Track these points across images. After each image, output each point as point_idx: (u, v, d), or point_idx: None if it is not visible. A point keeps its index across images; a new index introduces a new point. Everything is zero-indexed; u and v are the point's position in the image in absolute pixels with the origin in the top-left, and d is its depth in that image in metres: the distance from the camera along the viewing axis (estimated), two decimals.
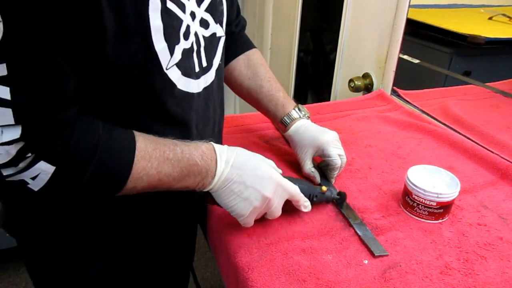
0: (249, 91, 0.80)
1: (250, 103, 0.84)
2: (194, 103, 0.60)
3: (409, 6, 1.04)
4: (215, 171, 0.56)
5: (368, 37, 1.20)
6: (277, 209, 0.61)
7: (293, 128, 0.77)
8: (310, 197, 0.66)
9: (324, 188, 0.68)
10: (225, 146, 0.59)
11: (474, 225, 0.67)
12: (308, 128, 0.76)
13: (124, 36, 0.46)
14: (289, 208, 0.64)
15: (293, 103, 0.79)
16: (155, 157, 0.52)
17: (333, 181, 0.77)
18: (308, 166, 0.75)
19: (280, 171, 0.63)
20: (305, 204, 0.64)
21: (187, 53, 0.56)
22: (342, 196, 0.70)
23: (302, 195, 0.63)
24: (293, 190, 0.62)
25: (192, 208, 0.73)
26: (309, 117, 0.80)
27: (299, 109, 0.79)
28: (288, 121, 0.77)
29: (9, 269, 1.71)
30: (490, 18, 1.17)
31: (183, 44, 0.54)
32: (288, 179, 0.62)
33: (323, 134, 0.74)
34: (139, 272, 0.72)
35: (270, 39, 1.87)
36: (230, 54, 0.79)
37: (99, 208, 0.61)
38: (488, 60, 1.16)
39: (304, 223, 0.66)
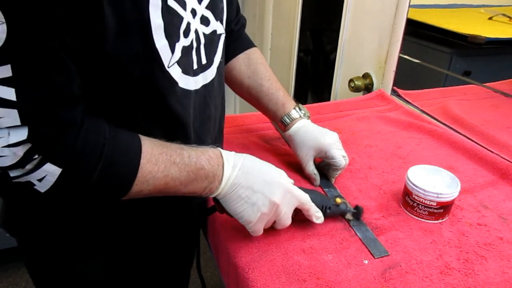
0: (249, 90, 0.80)
1: (249, 102, 0.83)
2: (192, 101, 0.60)
3: (409, 6, 1.04)
4: (222, 175, 0.55)
5: (368, 37, 1.20)
6: (286, 216, 0.59)
7: (293, 129, 0.77)
8: (323, 208, 0.63)
9: (338, 200, 0.66)
10: (232, 151, 0.59)
11: (474, 225, 0.67)
12: (309, 130, 0.75)
13: (125, 33, 0.46)
14: (301, 218, 0.62)
15: (293, 103, 0.79)
16: (161, 161, 0.51)
17: (333, 180, 0.77)
18: (311, 168, 0.75)
19: (291, 181, 0.61)
20: (317, 215, 0.62)
21: (186, 50, 0.56)
22: (358, 210, 0.66)
23: (313, 204, 0.61)
24: (303, 197, 0.60)
25: (195, 210, 0.73)
26: (309, 117, 0.79)
27: (299, 109, 0.78)
28: (288, 121, 0.77)
29: (9, 269, 1.71)
30: (490, 18, 1.17)
31: (182, 42, 0.54)
32: (300, 189, 0.60)
33: (325, 136, 0.74)
34: (140, 272, 0.72)
35: (270, 39, 1.87)
36: (230, 53, 0.79)
37: (100, 209, 0.61)
38: (488, 60, 1.16)
39: (304, 223, 0.66)
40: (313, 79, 1.78)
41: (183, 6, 0.53)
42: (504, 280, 0.56)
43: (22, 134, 0.42)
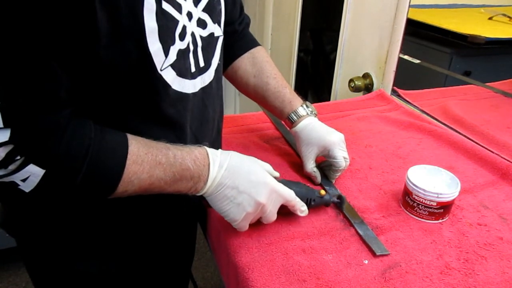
0: (255, 89, 0.80)
1: (256, 101, 0.83)
2: (189, 104, 0.60)
3: (409, 6, 1.04)
4: (208, 176, 0.56)
5: (368, 37, 1.20)
6: (272, 214, 0.60)
7: (300, 126, 0.76)
8: (307, 201, 0.65)
9: (322, 192, 0.67)
10: (219, 150, 0.59)
11: (474, 225, 0.67)
12: (316, 127, 0.75)
13: (118, 38, 0.46)
14: (286, 211, 0.63)
15: (300, 100, 0.79)
16: (147, 161, 0.51)
17: (333, 181, 0.77)
18: (311, 166, 0.75)
19: (277, 174, 0.62)
20: (301, 209, 0.63)
21: (182, 53, 0.55)
22: (342, 199, 0.69)
23: (298, 199, 0.62)
24: (288, 195, 0.61)
25: (190, 206, 0.73)
26: (316, 114, 0.79)
27: (306, 106, 0.78)
28: (295, 118, 0.77)
29: (9, 269, 1.72)
30: (490, 18, 1.17)
31: (178, 45, 0.54)
32: (285, 183, 0.62)
33: (330, 135, 0.73)
34: (139, 271, 0.72)
35: (270, 39, 1.87)
36: (234, 52, 0.79)
37: (98, 208, 0.61)
38: (488, 60, 1.16)
39: (304, 223, 0.66)
40: (313, 79, 1.78)
41: (179, 9, 0.53)
42: (504, 280, 0.56)
43: (3, 135, 0.42)
